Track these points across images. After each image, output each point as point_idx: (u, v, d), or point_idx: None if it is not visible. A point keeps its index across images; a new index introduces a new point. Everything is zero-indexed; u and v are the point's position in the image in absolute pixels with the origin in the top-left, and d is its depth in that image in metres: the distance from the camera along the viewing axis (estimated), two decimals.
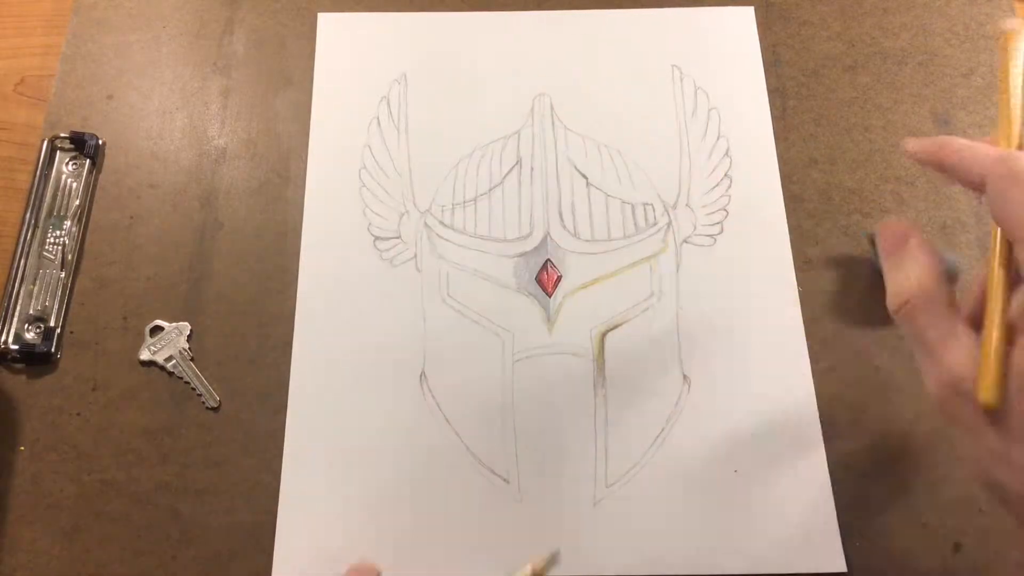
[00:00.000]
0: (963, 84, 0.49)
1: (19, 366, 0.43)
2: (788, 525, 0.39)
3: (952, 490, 0.40)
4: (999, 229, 0.28)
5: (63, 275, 0.44)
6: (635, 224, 0.46)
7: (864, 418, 0.42)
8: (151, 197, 0.46)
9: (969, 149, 0.31)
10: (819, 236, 0.46)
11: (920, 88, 0.49)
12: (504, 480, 0.40)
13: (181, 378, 0.42)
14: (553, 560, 0.33)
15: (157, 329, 0.43)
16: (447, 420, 0.42)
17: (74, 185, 0.46)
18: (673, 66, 0.50)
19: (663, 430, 0.41)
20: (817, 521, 0.39)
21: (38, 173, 0.46)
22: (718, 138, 0.48)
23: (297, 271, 0.45)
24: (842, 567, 0.39)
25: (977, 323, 0.29)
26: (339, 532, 0.39)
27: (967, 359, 0.28)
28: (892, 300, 0.30)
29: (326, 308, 0.44)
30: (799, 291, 0.44)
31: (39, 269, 0.44)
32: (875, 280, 0.45)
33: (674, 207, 0.46)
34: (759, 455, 0.41)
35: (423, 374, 0.42)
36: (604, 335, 0.43)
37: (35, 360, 0.42)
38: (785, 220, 0.46)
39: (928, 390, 0.29)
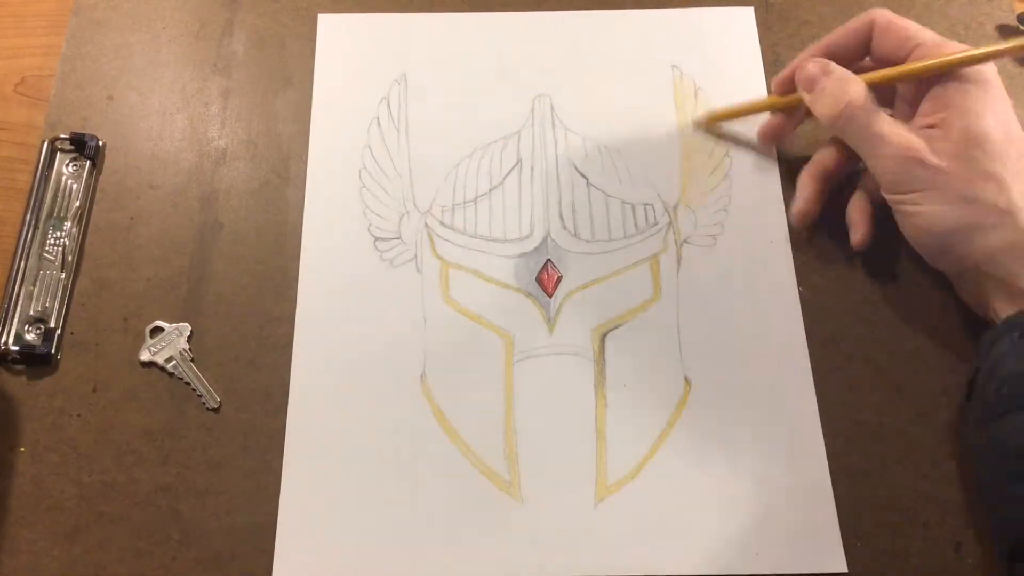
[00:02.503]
0: None
1: (19, 367, 0.43)
2: (788, 525, 0.39)
3: (952, 490, 0.40)
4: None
5: (63, 276, 0.44)
6: (635, 224, 0.46)
7: (865, 418, 0.42)
8: (151, 198, 0.46)
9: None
10: (819, 236, 0.45)
11: None
12: (504, 480, 0.40)
13: (181, 379, 0.42)
14: None
15: (157, 330, 0.43)
16: (447, 420, 0.42)
17: (74, 186, 0.46)
18: (673, 66, 0.50)
19: (664, 430, 0.41)
20: (817, 521, 0.39)
21: (38, 174, 0.46)
22: (718, 138, 0.48)
23: (297, 272, 0.45)
24: (842, 567, 0.39)
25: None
26: (339, 533, 0.39)
27: (913, 134, 0.38)
28: (831, 107, 0.40)
29: (326, 309, 0.44)
30: (799, 291, 0.44)
31: (39, 270, 0.44)
32: (875, 280, 0.45)
33: (674, 207, 0.46)
34: (759, 455, 0.41)
35: (423, 374, 0.42)
36: (604, 335, 0.43)
37: (35, 361, 0.42)
38: (785, 220, 0.46)
39: (882, 171, 0.39)
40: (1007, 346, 0.36)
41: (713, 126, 0.48)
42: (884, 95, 0.42)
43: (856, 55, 0.42)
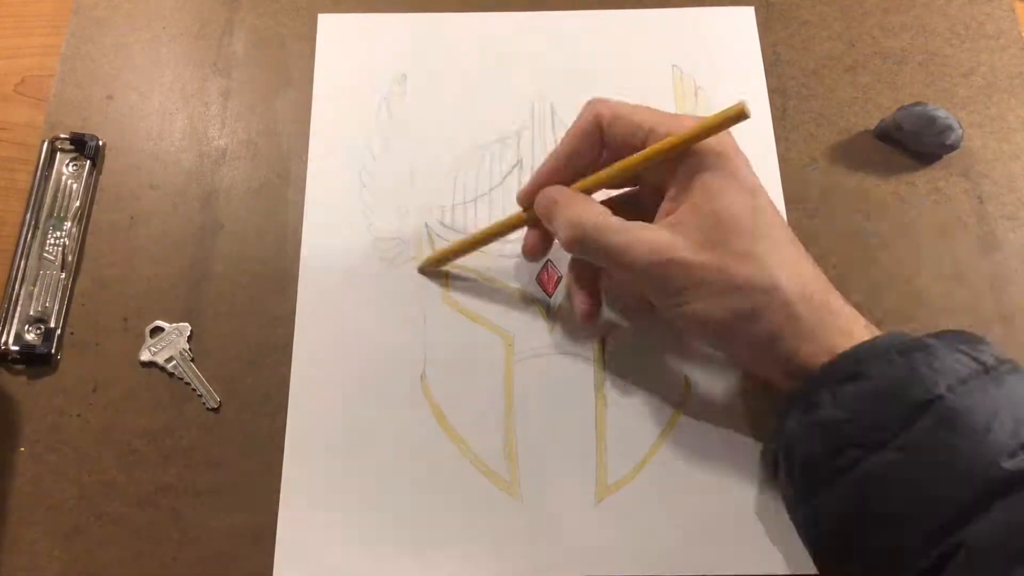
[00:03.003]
0: (963, 84, 0.49)
1: (19, 367, 0.43)
2: (788, 525, 0.39)
3: None
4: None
5: (63, 276, 0.44)
6: None
7: None
8: (151, 198, 0.46)
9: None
10: (819, 236, 0.46)
11: (920, 88, 0.49)
12: (505, 480, 0.40)
13: (181, 379, 0.42)
14: None
15: (157, 330, 0.43)
16: (447, 420, 0.42)
17: (74, 186, 0.46)
18: (673, 66, 0.50)
19: (664, 430, 0.41)
20: None
21: (38, 174, 0.46)
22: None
23: (297, 272, 0.45)
24: None
25: None
26: (340, 533, 0.39)
27: (661, 232, 0.36)
28: (563, 237, 0.38)
29: (326, 309, 0.44)
30: None
31: (39, 270, 0.44)
32: (875, 279, 0.45)
33: None
34: (759, 455, 0.41)
35: (423, 374, 0.42)
36: (605, 335, 0.43)
37: (35, 361, 0.42)
38: (785, 220, 0.46)
39: (637, 281, 0.37)
40: (795, 427, 0.35)
41: (435, 267, 0.44)
42: (629, 181, 0.40)
43: (594, 155, 0.39)
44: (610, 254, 0.36)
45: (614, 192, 0.41)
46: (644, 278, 0.36)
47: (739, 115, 0.34)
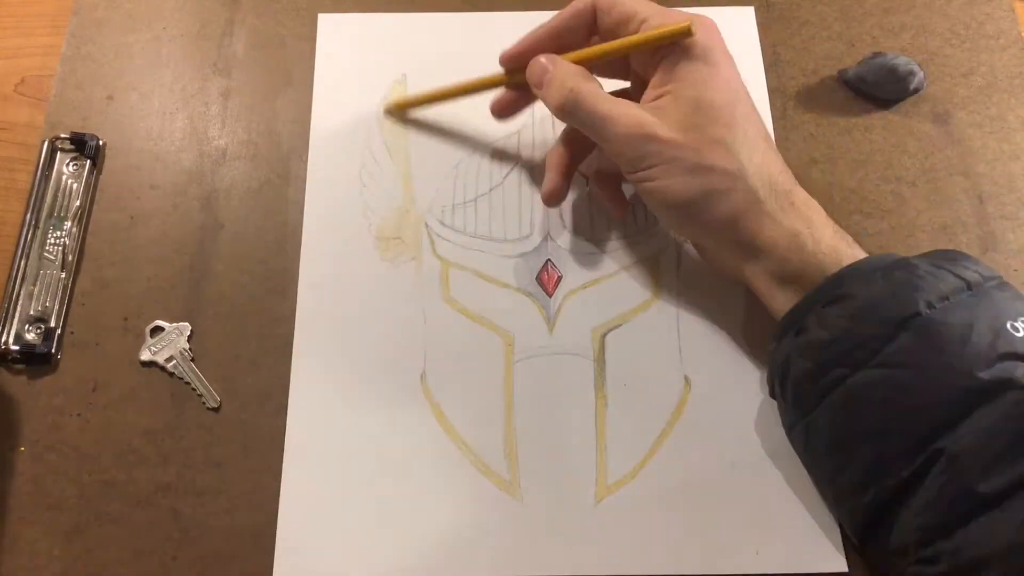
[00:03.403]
0: (963, 84, 0.49)
1: (19, 367, 0.43)
2: (788, 525, 0.39)
3: None
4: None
5: (63, 276, 0.44)
6: (636, 224, 0.46)
7: None
8: (151, 198, 0.46)
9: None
10: None
11: None
12: (504, 480, 0.40)
13: (181, 379, 0.42)
14: None
15: (157, 329, 0.43)
16: (447, 420, 0.42)
17: (74, 186, 0.46)
18: None
19: (664, 430, 0.41)
20: (817, 521, 0.39)
21: (38, 174, 0.46)
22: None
23: (297, 271, 0.45)
24: (842, 567, 0.39)
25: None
26: (340, 533, 0.39)
27: (643, 110, 0.38)
28: (555, 99, 0.40)
29: (326, 308, 0.44)
30: None
31: (39, 270, 0.44)
32: None
33: None
34: (760, 455, 0.41)
35: (423, 374, 0.42)
36: (605, 335, 0.43)
37: (35, 361, 0.42)
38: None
39: (615, 151, 0.39)
40: (787, 350, 0.37)
41: (401, 112, 0.48)
42: (619, 73, 0.43)
43: (582, 36, 0.42)
44: (597, 121, 0.39)
45: (605, 83, 0.42)
46: (622, 149, 0.38)
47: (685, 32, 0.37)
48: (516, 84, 0.43)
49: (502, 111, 0.45)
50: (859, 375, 0.34)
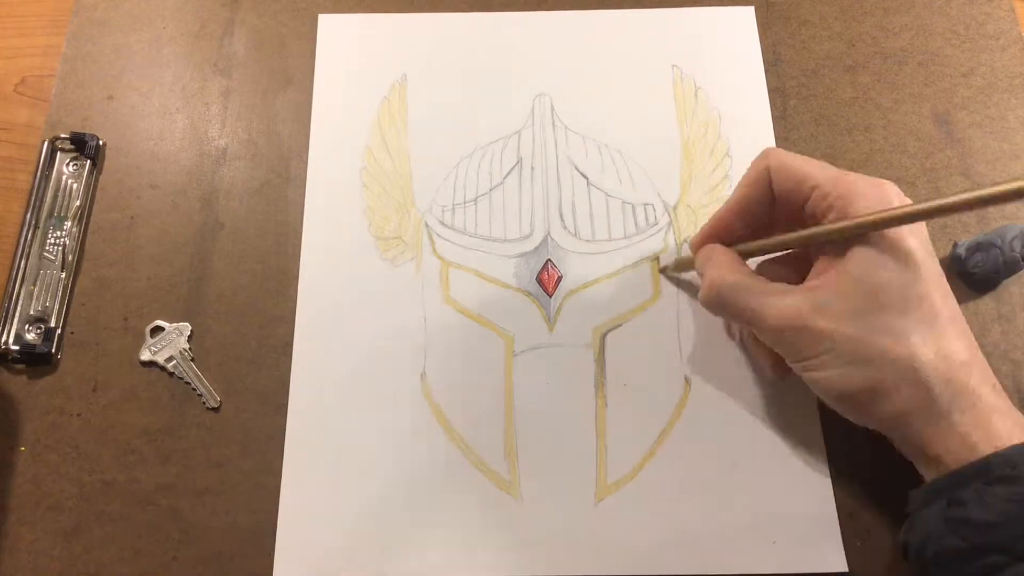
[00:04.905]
0: (963, 84, 0.49)
1: (19, 366, 0.43)
2: (788, 525, 0.39)
3: None
4: None
5: (63, 275, 0.44)
6: (636, 224, 0.46)
7: None
8: (151, 197, 0.46)
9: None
10: None
11: (920, 88, 0.49)
12: (504, 480, 0.40)
13: (181, 378, 0.42)
14: None
15: (157, 329, 0.43)
16: (447, 420, 0.42)
17: (74, 186, 0.46)
18: (673, 66, 0.50)
19: (664, 430, 0.41)
20: (817, 521, 0.39)
21: (38, 173, 0.46)
22: (718, 138, 0.48)
23: (298, 271, 0.45)
24: (842, 567, 0.39)
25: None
26: (340, 532, 0.39)
27: (798, 296, 0.35)
28: (702, 297, 0.38)
29: (327, 308, 0.44)
30: None
31: (39, 270, 0.44)
32: None
33: (674, 207, 0.46)
34: (759, 455, 0.41)
35: (423, 374, 0.42)
36: (605, 335, 0.43)
37: (35, 360, 0.42)
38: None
39: (771, 343, 0.36)
40: (934, 520, 0.33)
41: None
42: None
43: (765, 203, 0.38)
44: (746, 316, 0.36)
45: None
46: (776, 342, 0.36)
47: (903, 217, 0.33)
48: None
49: None
50: (1021, 567, 0.30)
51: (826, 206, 0.35)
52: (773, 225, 0.39)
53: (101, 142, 0.47)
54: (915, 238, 0.34)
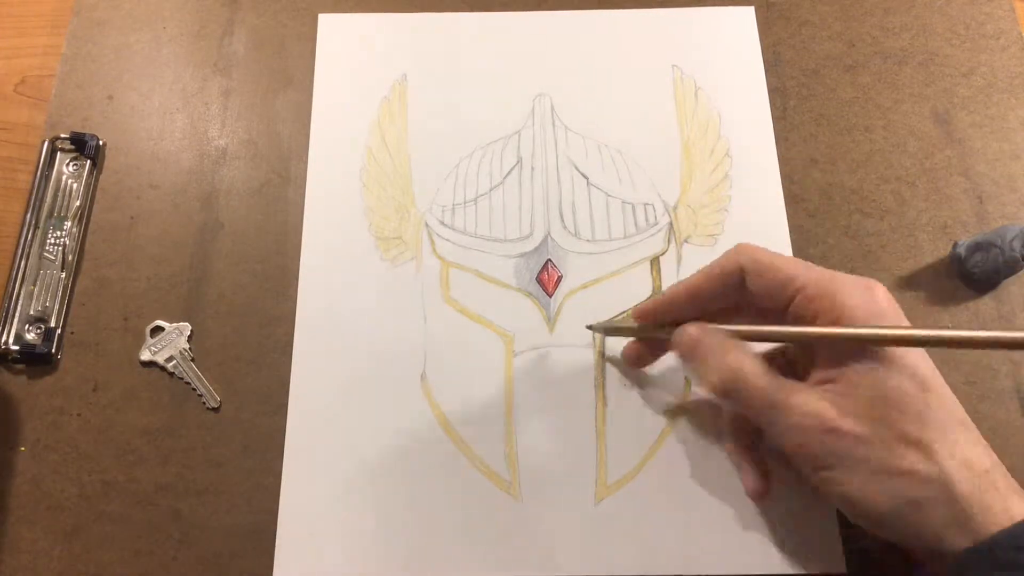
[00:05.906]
0: (963, 84, 0.49)
1: (19, 366, 0.43)
2: (788, 525, 0.39)
3: None
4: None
5: (63, 275, 0.44)
6: (635, 224, 0.46)
7: None
8: (151, 197, 0.46)
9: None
10: (819, 236, 0.46)
11: (920, 88, 0.49)
12: (504, 480, 0.40)
13: (182, 379, 0.42)
14: None
15: (158, 329, 0.43)
16: (447, 420, 0.42)
17: (74, 186, 0.46)
18: (673, 66, 0.50)
19: (664, 430, 0.41)
20: (817, 521, 0.39)
21: (38, 174, 0.46)
22: (718, 138, 0.48)
23: (298, 271, 0.45)
24: (842, 568, 0.39)
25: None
26: (340, 532, 0.39)
27: (817, 397, 0.33)
28: (713, 378, 0.35)
29: (326, 308, 0.44)
30: None
31: (39, 270, 0.44)
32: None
33: (674, 207, 0.46)
34: None
35: (423, 374, 0.42)
36: (605, 336, 0.43)
37: (35, 360, 0.42)
38: (785, 220, 0.46)
39: (788, 444, 0.34)
40: None
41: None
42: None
43: (728, 301, 0.37)
44: (765, 409, 0.34)
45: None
46: (798, 443, 0.33)
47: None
48: (647, 339, 0.40)
49: (635, 363, 0.42)
50: None
51: (814, 309, 0.34)
52: (733, 313, 0.38)
53: (101, 142, 0.47)
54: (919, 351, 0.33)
